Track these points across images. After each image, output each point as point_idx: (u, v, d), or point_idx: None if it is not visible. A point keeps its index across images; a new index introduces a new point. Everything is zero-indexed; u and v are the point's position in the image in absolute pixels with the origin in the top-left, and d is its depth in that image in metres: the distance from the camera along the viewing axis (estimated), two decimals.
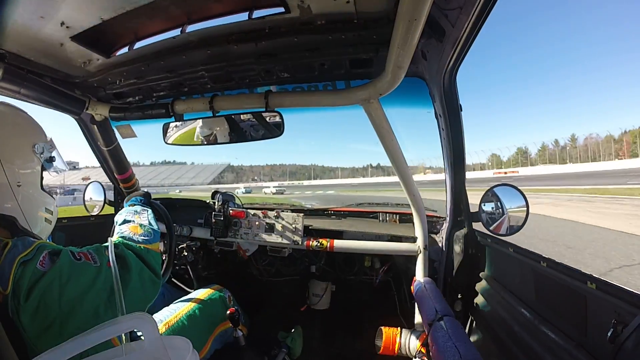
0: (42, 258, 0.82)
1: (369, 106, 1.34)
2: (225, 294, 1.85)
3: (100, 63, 1.42)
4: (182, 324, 1.49)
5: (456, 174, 1.59)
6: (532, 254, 1.17)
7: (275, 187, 59.51)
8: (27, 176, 1.00)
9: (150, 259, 1.07)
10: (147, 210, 1.30)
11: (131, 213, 1.25)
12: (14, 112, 1.02)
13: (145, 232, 1.14)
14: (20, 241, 0.83)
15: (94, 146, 2.10)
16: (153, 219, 1.27)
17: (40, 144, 1.04)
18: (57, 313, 0.78)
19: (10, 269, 0.77)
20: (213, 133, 1.70)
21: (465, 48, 1.09)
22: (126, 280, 0.93)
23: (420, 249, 1.77)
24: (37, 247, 0.83)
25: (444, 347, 0.98)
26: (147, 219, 1.24)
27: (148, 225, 1.19)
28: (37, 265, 0.80)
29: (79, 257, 0.89)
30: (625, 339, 0.67)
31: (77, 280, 0.84)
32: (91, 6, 1.05)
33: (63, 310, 0.79)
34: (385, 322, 1.52)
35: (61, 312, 0.78)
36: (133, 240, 1.08)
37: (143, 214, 1.26)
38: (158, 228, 1.23)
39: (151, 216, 1.28)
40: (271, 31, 1.18)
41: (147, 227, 1.18)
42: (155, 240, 1.16)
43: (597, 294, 0.83)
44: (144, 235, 1.13)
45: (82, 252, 0.92)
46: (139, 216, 1.24)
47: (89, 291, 0.84)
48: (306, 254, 2.36)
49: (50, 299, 0.78)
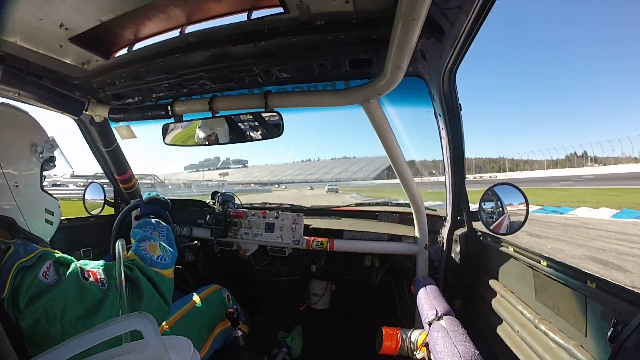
0: (45, 268, 0.81)
1: (369, 106, 1.34)
2: (225, 293, 1.85)
3: (100, 64, 1.42)
4: (181, 323, 1.49)
5: (456, 174, 1.59)
6: (532, 253, 1.17)
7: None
8: (25, 177, 0.98)
9: (163, 286, 1.04)
10: (167, 227, 1.27)
11: (151, 227, 1.22)
12: (11, 112, 1.01)
13: (162, 255, 1.11)
14: (22, 247, 0.83)
15: (94, 147, 2.10)
16: (172, 237, 1.25)
17: (40, 143, 1.02)
18: (59, 329, 0.78)
19: (8, 273, 0.76)
20: (214, 133, 1.70)
21: (464, 47, 1.08)
22: (136, 308, 0.91)
23: (421, 248, 1.77)
24: (39, 255, 0.83)
25: (443, 346, 0.98)
26: (167, 238, 1.21)
27: (167, 247, 1.16)
28: (39, 275, 0.79)
29: (88, 276, 0.87)
30: (625, 339, 0.67)
31: (82, 302, 0.83)
32: (90, 8, 1.05)
33: (65, 328, 0.79)
34: (385, 321, 1.52)
35: (63, 330, 0.79)
36: (148, 262, 1.05)
37: (162, 231, 1.23)
38: (175, 250, 1.21)
39: (171, 235, 1.25)
40: (270, 31, 1.18)
41: (165, 248, 1.15)
42: (170, 265, 1.13)
43: (597, 293, 0.83)
44: (161, 259, 1.10)
45: (92, 270, 0.90)
46: (158, 233, 1.21)
47: (94, 315, 0.83)
48: (306, 254, 2.36)
49: (52, 316, 0.78)
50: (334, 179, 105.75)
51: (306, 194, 34.02)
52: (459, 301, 1.64)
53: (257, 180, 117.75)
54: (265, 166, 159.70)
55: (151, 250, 1.10)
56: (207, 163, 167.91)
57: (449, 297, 1.55)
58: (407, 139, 1.67)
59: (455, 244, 1.65)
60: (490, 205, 1.54)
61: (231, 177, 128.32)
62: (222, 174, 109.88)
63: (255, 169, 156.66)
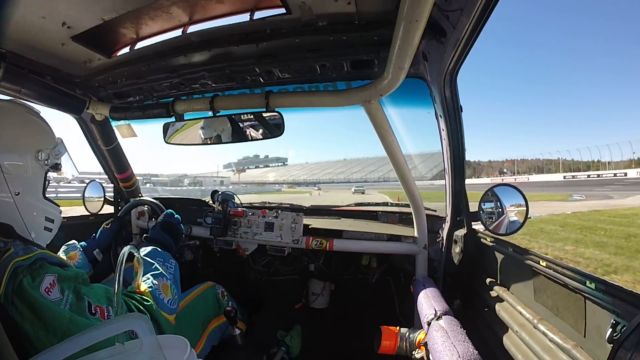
0: (48, 284, 0.80)
1: (370, 107, 1.34)
2: (219, 289, 1.84)
3: (101, 63, 1.42)
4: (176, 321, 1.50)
5: (456, 174, 1.59)
6: (532, 253, 1.17)
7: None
8: (27, 184, 0.96)
9: (165, 331, 1.06)
10: (175, 265, 1.28)
11: (161, 260, 1.23)
12: (20, 113, 0.99)
13: (171, 299, 1.13)
14: (22, 250, 0.82)
15: (94, 146, 2.10)
16: (178, 276, 1.27)
17: (46, 150, 1.00)
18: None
19: (4, 271, 0.76)
20: (215, 133, 1.71)
21: (466, 49, 1.09)
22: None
23: (420, 248, 1.78)
24: (37, 257, 0.82)
25: (442, 346, 0.99)
26: (174, 277, 1.22)
27: (176, 290, 1.18)
28: (41, 290, 0.78)
29: (95, 311, 0.87)
30: (624, 339, 0.67)
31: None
32: (93, 6, 1.05)
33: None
34: (384, 321, 1.52)
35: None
36: (160, 305, 1.06)
37: (171, 269, 1.24)
38: (180, 291, 1.24)
39: (177, 274, 1.27)
40: (272, 32, 1.18)
41: (175, 292, 1.16)
42: (175, 310, 1.15)
43: (596, 293, 0.83)
44: (170, 303, 1.12)
45: (99, 305, 0.89)
46: (167, 269, 1.21)
47: (96, 347, 0.84)
48: (305, 253, 2.37)
49: (52, 333, 0.78)
50: (382, 178, 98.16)
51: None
52: (458, 301, 1.65)
53: (292, 180, 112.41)
54: (305, 164, 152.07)
55: (164, 292, 1.11)
56: (245, 162, 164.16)
57: (448, 297, 1.55)
58: (407, 140, 1.67)
59: (454, 244, 1.66)
60: (490, 205, 1.55)
61: (268, 176, 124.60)
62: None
63: (292, 168, 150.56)
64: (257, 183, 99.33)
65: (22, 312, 0.77)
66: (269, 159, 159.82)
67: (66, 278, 0.86)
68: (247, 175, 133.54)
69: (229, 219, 2.05)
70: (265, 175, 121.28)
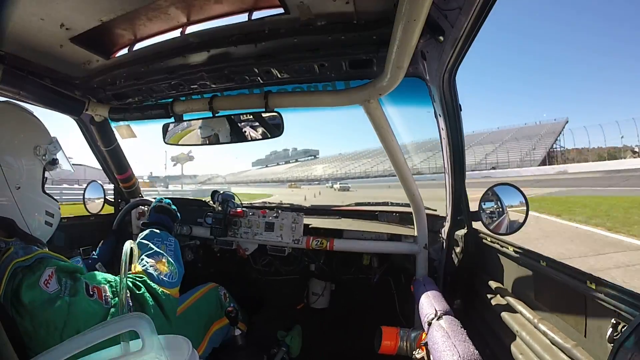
0: (47, 277, 0.81)
1: (369, 106, 1.34)
2: (221, 291, 1.85)
3: (100, 64, 1.42)
4: (177, 322, 1.50)
5: (456, 173, 1.59)
6: (532, 253, 1.17)
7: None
8: (27, 179, 0.98)
9: (167, 305, 1.05)
10: (174, 241, 1.28)
11: (158, 240, 1.22)
12: (15, 111, 1.01)
13: (170, 273, 1.12)
14: (22, 250, 0.83)
15: (94, 147, 2.10)
16: (179, 252, 1.26)
17: (43, 145, 1.02)
18: (58, 340, 0.78)
19: (5, 272, 0.77)
20: (214, 133, 1.71)
21: (464, 48, 1.08)
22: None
23: (420, 248, 1.77)
24: (38, 257, 0.83)
25: (443, 346, 0.98)
26: (174, 252, 1.22)
27: (175, 264, 1.17)
28: (40, 283, 0.79)
29: (92, 292, 0.88)
30: (624, 339, 0.67)
31: (84, 318, 0.83)
32: (91, 8, 1.05)
33: (64, 340, 0.79)
34: (385, 321, 1.52)
35: (62, 341, 0.79)
36: (156, 281, 1.06)
37: (170, 245, 1.24)
38: (182, 266, 1.22)
39: (178, 249, 1.26)
40: (271, 32, 1.18)
41: (173, 266, 1.15)
42: (177, 284, 1.14)
43: (597, 293, 0.83)
44: (169, 277, 1.10)
45: (96, 286, 0.90)
46: (166, 247, 1.21)
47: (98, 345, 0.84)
48: (306, 253, 2.37)
49: (53, 328, 0.79)
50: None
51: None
52: (459, 301, 1.64)
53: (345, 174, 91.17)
54: (338, 155, 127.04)
55: (160, 268, 1.11)
56: (274, 157, 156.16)
57: (448, 296, 1.55)
58: (407, 139, 1.67)
59: (455, 244, 1.66)
60: (490, 205, 1.55)
61: (291, 172, 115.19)
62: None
63: (323, 161, 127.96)
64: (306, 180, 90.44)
65: (22, 312, 0.77)
66: (298, 152, 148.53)
67: (65, 268, 0.87)
68: (287, 173, 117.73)
69: (229, 219, 2.05)
70: (310, 171, 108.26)
